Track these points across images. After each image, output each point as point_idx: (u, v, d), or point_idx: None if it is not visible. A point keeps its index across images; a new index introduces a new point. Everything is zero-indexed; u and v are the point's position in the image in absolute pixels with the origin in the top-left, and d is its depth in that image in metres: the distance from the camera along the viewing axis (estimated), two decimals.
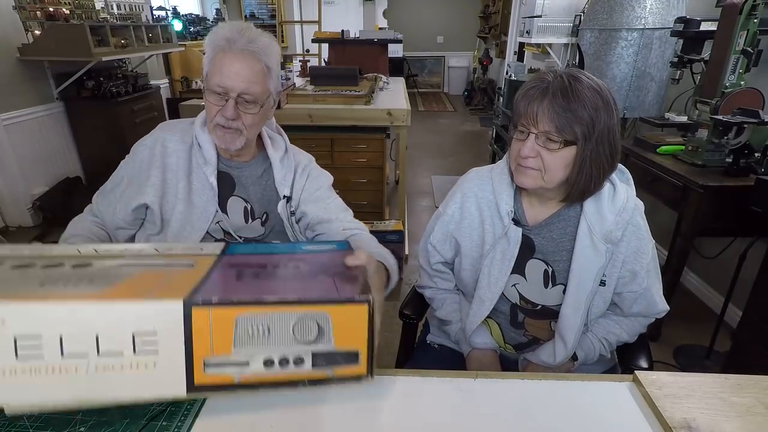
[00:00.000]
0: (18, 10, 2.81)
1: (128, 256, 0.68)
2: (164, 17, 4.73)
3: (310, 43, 4.44)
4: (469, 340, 1.03)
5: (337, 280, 0.62)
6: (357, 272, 0.65)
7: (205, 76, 0.93)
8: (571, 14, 3.54)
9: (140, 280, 0.57)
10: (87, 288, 0.54)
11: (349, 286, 0.59)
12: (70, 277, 0.57)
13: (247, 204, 1.03)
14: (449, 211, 1.03)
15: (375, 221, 2.44)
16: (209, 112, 0.94)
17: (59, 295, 0.51)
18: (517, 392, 0.68)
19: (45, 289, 0.53)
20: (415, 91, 8.22)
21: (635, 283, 0.94)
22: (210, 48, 0.92)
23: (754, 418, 0.60)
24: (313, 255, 0.75)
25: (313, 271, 0.68)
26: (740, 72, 1.70)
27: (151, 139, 1.00)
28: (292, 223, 1.05)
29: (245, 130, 0.95)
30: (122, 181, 1.00)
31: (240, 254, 0.72)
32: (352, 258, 0.70)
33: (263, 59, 0.92)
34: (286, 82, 2.70)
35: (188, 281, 0.57)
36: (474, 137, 5.68)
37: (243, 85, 0.90)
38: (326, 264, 0.70)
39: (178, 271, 0.62)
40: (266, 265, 0.68)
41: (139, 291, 0.53)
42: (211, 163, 0.98)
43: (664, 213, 2.27)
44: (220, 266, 0.65)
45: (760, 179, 1.43)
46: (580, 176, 0.85)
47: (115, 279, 0.57)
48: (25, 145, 2.87)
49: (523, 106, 0.84)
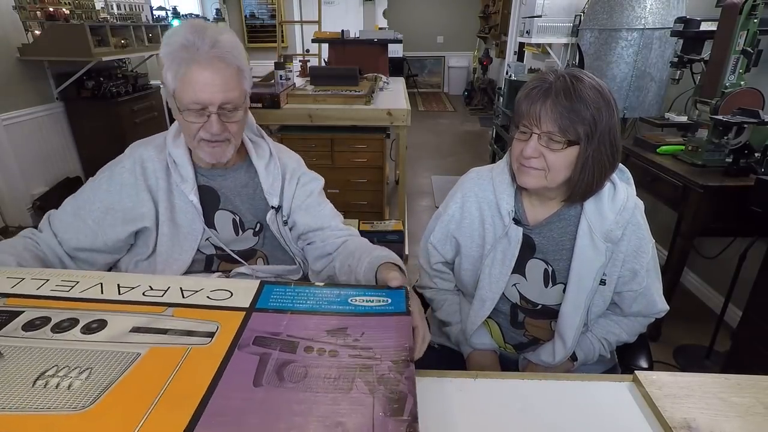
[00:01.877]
0: (18, 10, 2.80)
1: (147, 303, 0.62)
2: (164, 17, 4.73)
3: (310, 43, 4.43)
4: (469, 342, 1.03)
5: (378, 403, 0.49)
6: (408, 375, 0.53)
7: (173, 93, 0.84)
8: (571, 14, 3.54)
9: (140, 380, 0.50)
10: (76, 396, 0.47)
11: (392, 425, 0.47)
12: (73, 363, 0.51)
13: (236, 216, 0.98)
14: (450, 211, 1.02)
15: (375, 221, 2.44)
16: (189, 130, 0.87)
17: (35, 419, 0.45)
18: (517, 392, 0.68)
19: (30, 398, 0.47)
20: (415, 91, 8.23)
21: (635, 282, 0.94)
22: (169, 61, 0.82)
23: (754, 418, 0.60)
24: (361, 320, 0.62)
25: (352, 370, 0.53)
26: (740, 72, 1.70)
27: (130, 161, 0.92)
28: (285, 233, 1.01)
29: (233, 138, 0.90)
30: (95, 205, 0.91)
31: (272, 310, 0.63)
32: (393, 281, 0.70)
33: (232, 61, 0.84)
34: (286, 82, 2.70)
35: (196, 385, 0.49)
36: (474, 137, 5.68)
37: (221, 96, 0.83)
38: (372, 351, 0.56)
39: (191, 354, 0.54)
40: (297, 346, 0.56)
41: (129, 416, 0.45)
42: (188, 180, 0.92)
43: (664, 213, 2.27)
44: (243, 343, 0.56)
45: (760, 179, 1.43)
46: (582, 176, 0.85)
47: (114, 373, 0.50)
48: (25, 145, 2.87)
49: (526, 107, 0.84)
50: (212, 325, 0.58)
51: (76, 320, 0.59)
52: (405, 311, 0.64)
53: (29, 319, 0.59)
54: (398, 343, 0.58)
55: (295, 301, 0.65)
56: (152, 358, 0.53)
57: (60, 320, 0.59)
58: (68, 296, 0.64)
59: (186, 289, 0.67)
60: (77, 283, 0.68)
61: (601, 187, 0.89)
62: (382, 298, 0.67)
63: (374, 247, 0.90)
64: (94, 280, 0.68)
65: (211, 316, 0.61)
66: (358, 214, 2.60)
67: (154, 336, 0.57)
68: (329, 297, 0.66)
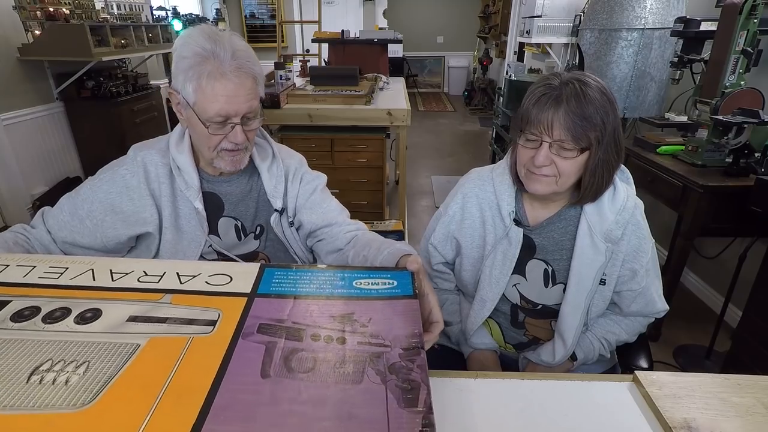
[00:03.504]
0: (18, 10, 2.80)
1: (143, 290, 0.59)
2: (164, 17, 4.72)
3: (310, 43, 4.43)
4: (469, 342, 1.03)
5: (392, 392, 0.47)
6: (419, 364, 0.51)
7: (193, 105, 0.82)
8: (571, 14, 3.54)
9: (140, 374, 0.48)
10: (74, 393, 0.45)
11: (407, 417, 0.44)
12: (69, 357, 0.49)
13: (238, 222, 0.97)
14: (450, 211, 1.02)
15: (375, 221, 2.43)
16: (210, 141, 0.86)
17: (30, 419, 0.42)
18: (517, 392, 0.68)
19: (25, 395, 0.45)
20: (415, 91, 8.23)
21: (634, 281, 0.94)
22: (190, 74, 0.80)
23: (754, 418, 0.60)
24: (367, 304, 0.60)
25: (362, 360, 0.51)
26: (740, 72, 1.70)
27: (133, 164, 0.90)
28: (289, 235, 1.00)
29: (250, 145, 0.91)
30: (94, 205, 0.89)
31: (275, 296, 0.60)
32: (412, 263, 0.67)
33: (252, 70, 0.84)
34: (286, 82, 2.70)
35: (201, 378, 0.47)
36: (474, 137, 5.68)
37: (245, 106, 0.84)
38: (381, 339, 0.54)
39: (193, 345, 0.52)
40: (303, 334, 0.54)
41: (132, 413, 0.43)
42: (193, 187, 0.91)
43: (664, 213, 2.27)
44: (247, 332, 0.54)
45: (760, 179, 1.43)
46: (593, 179, 0.86)
47: (112, 368, 0.48)
48: (25, 145, 2.87)
49: (536, 114, 0.82)
50: (214, 313, 0.56)
51: (69, 309, 0.55)
52: (412, 294, 0.63)
53: (17, 309, 0.55)
54: (408, 329, 0.56)
55: (298, 285, 0.63)
56: (152, 350, 0.51)
57: (51, 310, 0.55)
58: (58, 284, 0.61)
59: (183, 274, 0.63)
60: (66, 269, 0.64)
61: (609, 185, 0.89)
62: (388, 281, 0.65)
63: (391, 241, 0.87)
64: (85, 266, 0.64)
65: (211, 303, 0.58)
66: (358, 215, 2.55)
67: (153, 326, 0.54)
68: (333, 280, 0.64)
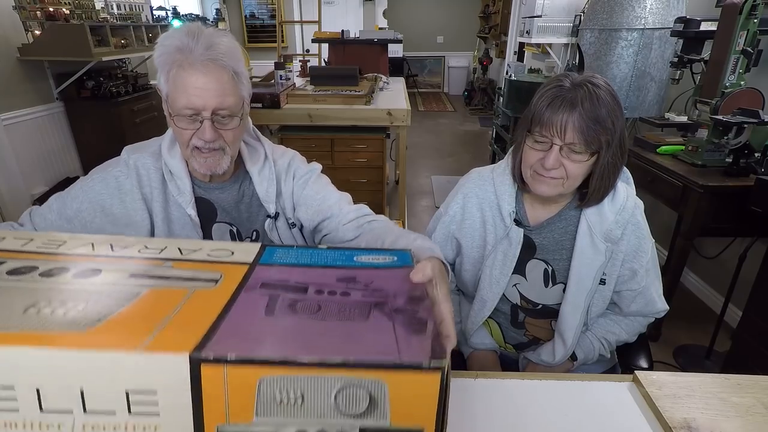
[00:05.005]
0: (18, 10, 2.80)
1: (142, 258, 0.59)
2: (164, 17, 4.72)
3: (310, 43, 4.43)
4: (469, 342, 1.03)
5: (399, 325, 0.46)
6: (425, 308, 0.50)
7: (166, 98, 0.82)
8: (571, 14, 3.54)
9: (141, 311, 0.48)
10: (74, 322, 0.44)
11: (416, 340, 0.44)
12: (66, 298, 0.48)
13: (233, 227, 0.95)
14: (451, 211, 1.02)
15: None
16: (181, 137, 0.83)
17: (33, 336, 0.42)
18: (517, 392, 0.68)
19: (23, 322, 0.44)
20: (415, 91, 8.22)
21: (634, 281, 0.94)
22: (162, 63, 0.79)
23: (754, 418, 0.60)
24: (368, 272, 0.59)
25: (367, 304, 0.51)
26: (740, 72, 1.70)
27: (126, 167, 0.88)
28: (288, 238, 0.97)
29: (228, 147, 0.85)
30: (84, 206, 0.87)
31: (277, 264, 0.60)
32: (417, 273, 0.56)
33: (229, 65, 0.80)
34: (286, 82, 2.70)
35: (204, 314, 0.47)
36: (474, 137, 5.68)
37: (215, 101, 0.79)
38: (384, 292, 0.54)
39: (195, 295, 0.52)
40: (307, 288, 0.54)
41: (136, 332, 0.43)
42: (186, 193, 0.88)
43: (664, 213, 2.27)
44: (250, 286, 0.53)
45: (760, 179, 1.43)
46: (600, 181, 0.86)
47: (112, 306, 0.48)
48: (25, 145, 2.87)
49: (548, 116, 0.82)
50: (215, 274, 0.55)
51: (66, 269, 0.53)
52: (413, 265, 0.62)
53: (14, 267, 0.54)
54: (411, 287, 0.56)
55: (300, 258, 0.63)
56: (153, 295, 0.50)
57: (49, 268, 0.54)
58: (56, 252, 0.59)
59: (184, 248, 0.63)
60: (65, 242, 0.62)
61: (615, 185, 0.89)
62: (389, 257, 0.65)
63: (407, 233, 0.78)
64: (84, 241, 0.62)
65: (213, 268, 0.58)
66: None
67: (154, 280, 0.54)
68: (334, 256, 0.64)
